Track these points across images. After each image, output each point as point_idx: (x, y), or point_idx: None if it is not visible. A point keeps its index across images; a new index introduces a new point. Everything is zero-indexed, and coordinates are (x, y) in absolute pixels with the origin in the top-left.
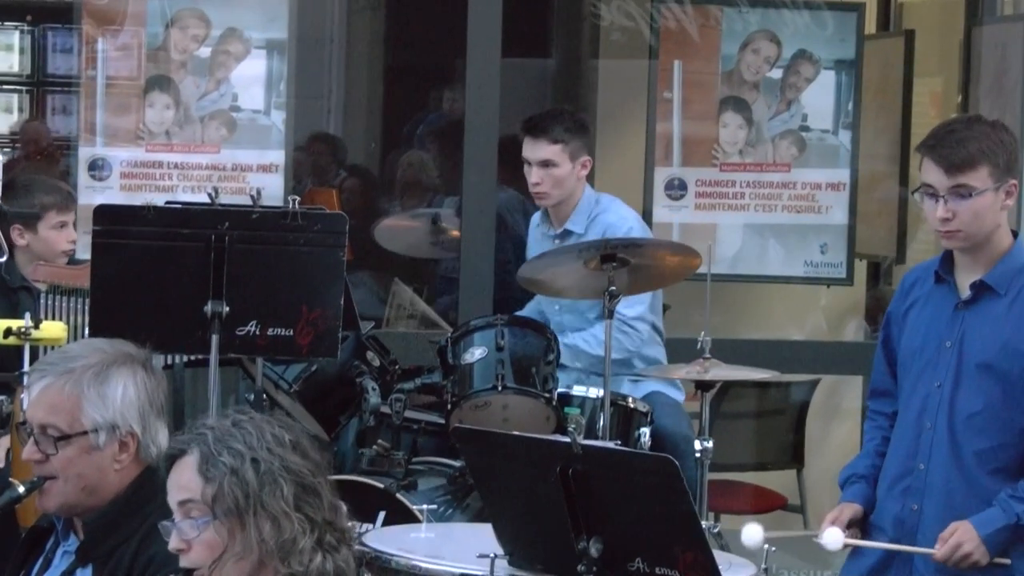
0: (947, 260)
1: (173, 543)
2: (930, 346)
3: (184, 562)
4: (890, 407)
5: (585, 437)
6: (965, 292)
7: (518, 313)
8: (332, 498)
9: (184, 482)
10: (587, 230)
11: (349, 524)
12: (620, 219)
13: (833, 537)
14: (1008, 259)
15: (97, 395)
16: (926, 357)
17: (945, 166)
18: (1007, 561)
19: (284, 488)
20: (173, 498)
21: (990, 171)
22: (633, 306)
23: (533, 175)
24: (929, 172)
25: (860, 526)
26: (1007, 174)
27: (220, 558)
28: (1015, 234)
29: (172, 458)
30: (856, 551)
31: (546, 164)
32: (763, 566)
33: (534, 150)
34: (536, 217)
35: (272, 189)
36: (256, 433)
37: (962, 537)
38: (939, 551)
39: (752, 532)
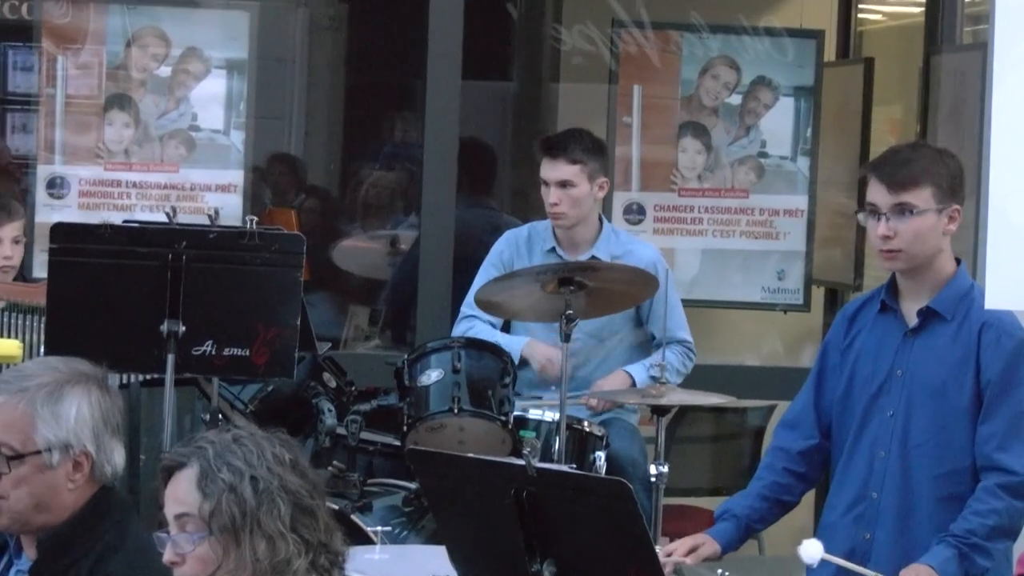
0: (892, 289)
1: (167, 556)
2: (880, 375)
3: (177, 575)
4: (800, 443)
5: (540, 460)
6: (912, 320)
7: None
8: (328, 520)
9: (181, 495)
10: None
11: (343, 548)
12: (651, 259)
13: (811, 550)
14: (953, 284)
15: (51, 414)
16: (877, 386)
17: (888, 183)
18: None
19: (281, 508)
20: (169, 510)
21: (933, 192)
22: (685, 328)
23: (552, 195)
24: (873, 191)
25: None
26: (951, 198)
27: (213, 574)
28: (958, 261)
29: (170, 470)
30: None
31: (564, 184)
32: None
33: (552, 170)
34: (523, 236)
35: (230, 209)
36: (256, 451)
37: (917, 573)
38: None
39: (811, 549)
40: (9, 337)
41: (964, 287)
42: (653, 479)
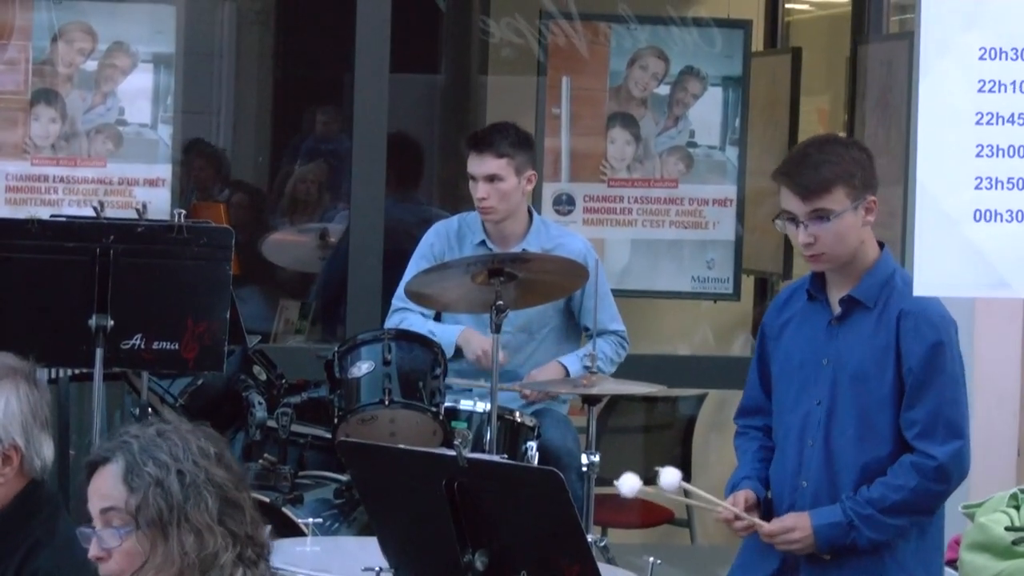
0: (817, 278)
1: (92, 551)
2: (808, 364)
3: (103, 571)
4: (760, 422)
5: (472, 451)
6: (837, 309)
7: None
8: (254, 512)
9: (106, 490)
10: None
11: (268, 540)
12: (581, 251)
13: (629, 482)
14: (874, 272)
15: None
16: (804, 375)
17: (801, 192)
18: (827, 557)
19: (208, 501)
20: (94, 505)
21: (846, 192)
22: (618, 318)
23: (480, 190)
24: (787, 199)
25: (758, 512)
26: (864, 191)
27: (140, 569)
28: (882, 246)
29: (93, 465)
30: (750, 562)
31: (492, 179)
32: None
33: (480, 165)
34: (453, 228)
35: (159, 203)
36: (182, 444)
37: (794, 523)
38: (769, 527)
39: (670, 476)
40: None
41: (886, 274)
42: (584, 468)
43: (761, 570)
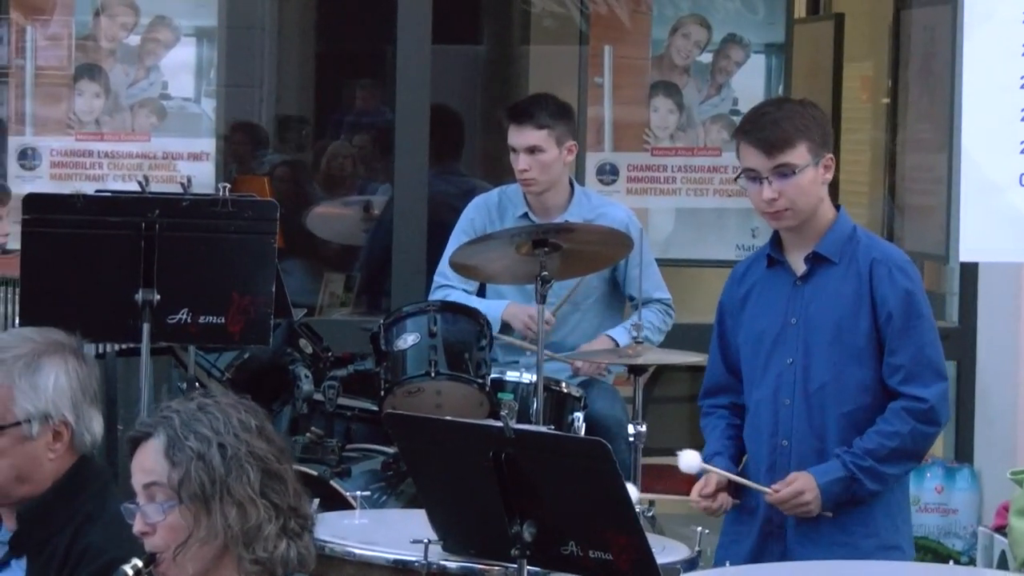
0: (776, 243)
1: (137, 527)
2: (775, 326)
3: (148, 546)
4: (726, 400)
5: (518, 422)
6: (800, 268)
7: None
8: (296, 484)
9: (149, 465)
10: None
11: (312, 511)
12: (623, 220)
13: (689, 459)
14: (836, 228)
15: (29, 385)
16: (772, 337)
17: (764, 148)
18: (829, 514)
19: (250, 474)
20: (137, 480)
21: (808, 147)
22: (663, 286)
23: (520, 162)
24: (749, 156)
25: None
26: (823, 148)
27: (185, 543)
28: (838, 207)
29: (136, 440)
30: (733, 538)
31: (533, 150)
32: (697, 548)
33: (520, 137)
34: (494, 201)
35: (203, 177)
36: (223, 418)
37: (803, 485)
38: (778, 493)
39: (689, 458)
40: None
41: (847, 230)
42: (632, 439)
43: (747, 539)
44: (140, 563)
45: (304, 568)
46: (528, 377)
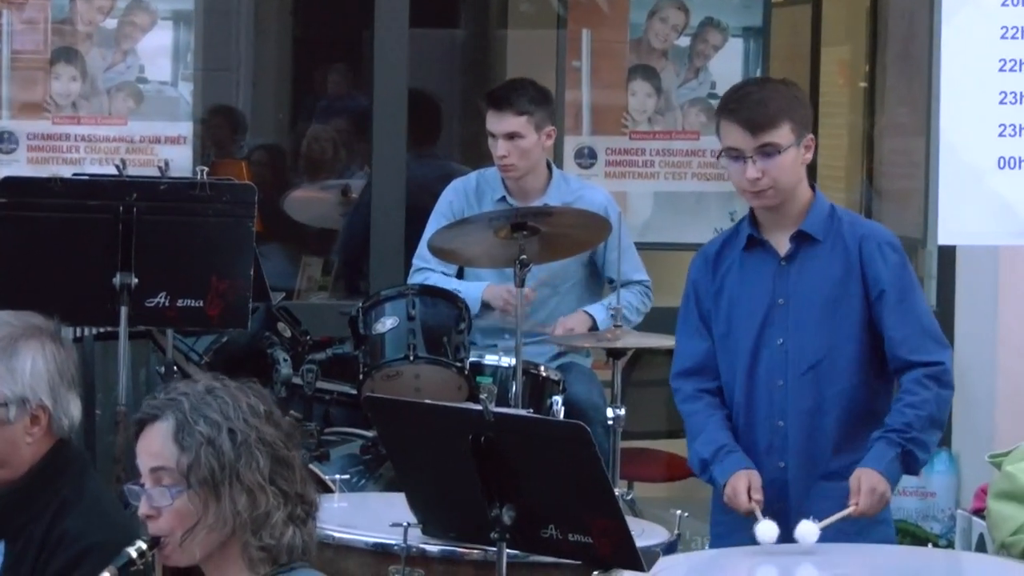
0: (754, 223)
1: (143, 509)
2: (761, 309)
3: (152, 529)
4: (711, 383)
5: (497, 406)
6: (784, 248)
7: None
8: (303, 470)
9: (156, 449)
10: None
11: (317, 497)
12: (602, 203)
13: (766, 531)
14: (816, 208)
15: (6, 369)
16: (759, 319)
17: (749, 127)
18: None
19: (260, 460)
20: (144, 463)
21: (791, 127)
22: (641, 268)
23: (500, 148)
24: (733, 135)
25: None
26: (805, 129)
27: (193, 529)
28: (813, 188)
29: (142, 422)
30: (730, 528)
31: (512, 136)
32: (676, 532)
33: (499, 123)
34: (472, 186)
35: (180, 161)
36: (232, 402)
37: (871, 481)
38: (859, 505)
39: (807, 530)
40: None
41: (827, 209)
42: (610, 422)
43: (743, 525)
44: (144, 546)
45: (307, 556)
46: (507, 361)
